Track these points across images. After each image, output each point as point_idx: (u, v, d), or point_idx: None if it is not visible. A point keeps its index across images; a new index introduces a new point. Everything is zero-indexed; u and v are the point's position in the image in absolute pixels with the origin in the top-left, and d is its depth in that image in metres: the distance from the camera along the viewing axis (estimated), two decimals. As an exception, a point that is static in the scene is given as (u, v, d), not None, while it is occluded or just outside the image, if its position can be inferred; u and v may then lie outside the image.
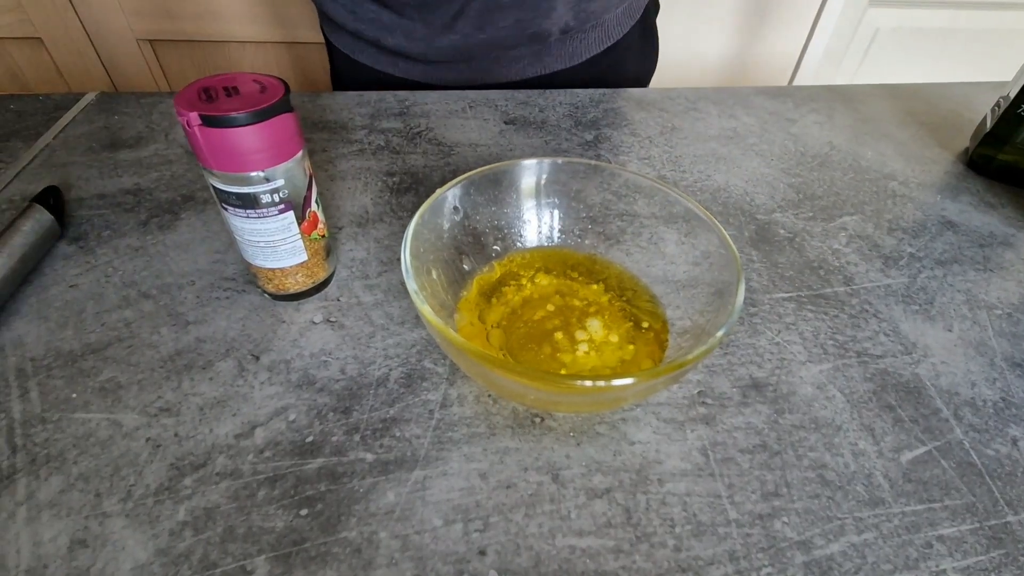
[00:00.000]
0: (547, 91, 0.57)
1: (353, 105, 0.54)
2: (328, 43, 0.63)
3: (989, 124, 0.49)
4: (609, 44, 0.59)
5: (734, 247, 0.27)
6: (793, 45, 1.30)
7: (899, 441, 0.28)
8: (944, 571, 0.23)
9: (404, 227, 0.40)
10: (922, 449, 0.28)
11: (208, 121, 0.24)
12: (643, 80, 0.67)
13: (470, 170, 0.31)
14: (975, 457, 0.28)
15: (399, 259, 0.37)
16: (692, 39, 1.20)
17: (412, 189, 0.43)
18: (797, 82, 1.35)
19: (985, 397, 0.30)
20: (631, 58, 0.63)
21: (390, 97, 0.55)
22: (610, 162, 0.42)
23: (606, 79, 0.61)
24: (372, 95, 0.55)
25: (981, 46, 1.03)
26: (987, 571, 0.23)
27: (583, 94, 0.57)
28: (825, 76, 1.34)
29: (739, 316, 0.24)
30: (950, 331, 0.34)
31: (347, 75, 0.63)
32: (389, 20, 0.53)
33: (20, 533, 0.23)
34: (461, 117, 0.53)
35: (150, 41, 1.05)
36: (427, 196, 0.29)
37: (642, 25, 0.62)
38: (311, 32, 1.03)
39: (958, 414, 0.29)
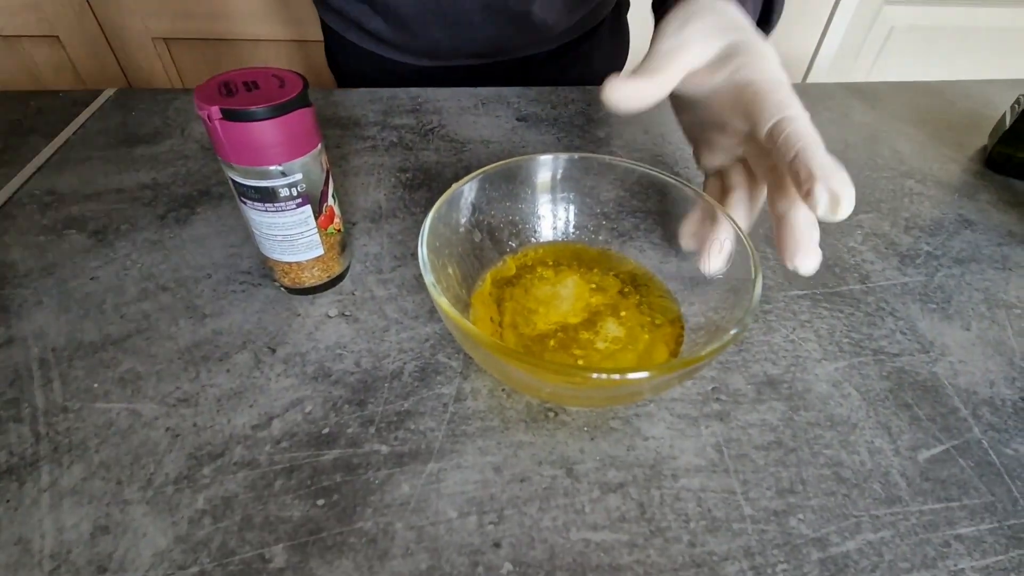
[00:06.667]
0: (559, 88, 0.57)
1: (366, 102, 0.54)
2: (322, 22, 0.64)
3: (1008, 122, 0.48)
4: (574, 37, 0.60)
5: (750, 243, 0.27)
6: (806, 43, 1.29)
7: (916, 440, 0.28)
8: (962, 570, 0.23)
9: (417, 223, 0.40)
10: (940, 448, 0.28)
11: (228, 115, 0.25)
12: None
13: (483, 166, 0.31)
14: (994, 456, 0.27)
15: (412, 254, 0.37)
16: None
17: (425, 185, 0.43)
18: (810, 80, 1.34)
19: (1004, 396, 0.30)
20: (598, 56, 0.64)
21: (402, 94, 0.55)
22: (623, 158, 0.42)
23: (570, 73, 0.62)
24: (385, 92, 0.55)
25: (999, 44, 1.01)
26: (1006, 571, 0.23)
27: (595, 91, 0.57)
28: (838, 74, 1.33)
29: (755, 312, 0.24)
30: (968, 330, 0.34)
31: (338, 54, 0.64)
32: None
33: (44, 519, 0.23)
34: (473, 114, 0.53)
35: (165, 39, 1.06)
36: (440, 192, 0.29)
37: (613, 21, 0.63)
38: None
39: (976, 413, 0.29)
